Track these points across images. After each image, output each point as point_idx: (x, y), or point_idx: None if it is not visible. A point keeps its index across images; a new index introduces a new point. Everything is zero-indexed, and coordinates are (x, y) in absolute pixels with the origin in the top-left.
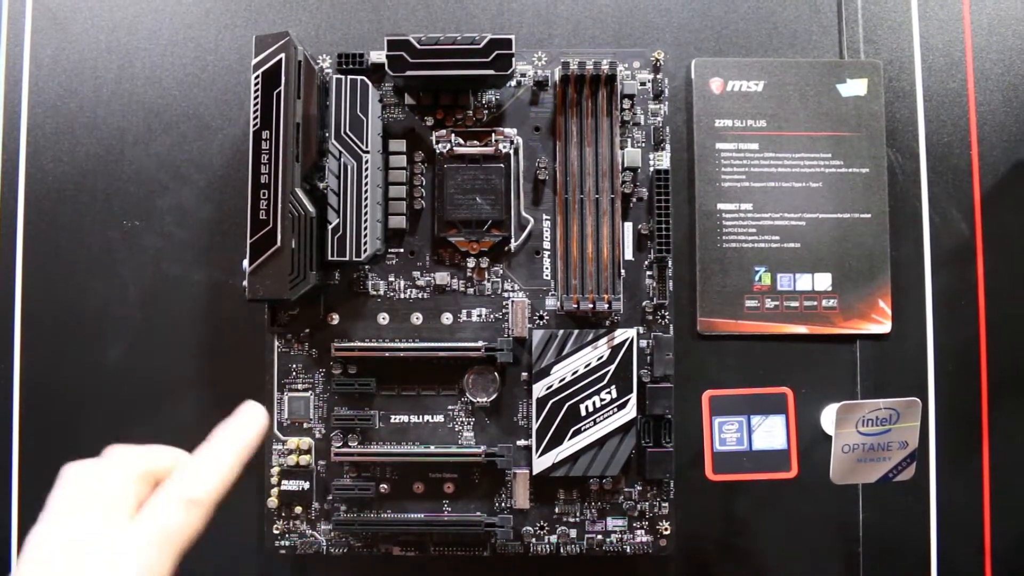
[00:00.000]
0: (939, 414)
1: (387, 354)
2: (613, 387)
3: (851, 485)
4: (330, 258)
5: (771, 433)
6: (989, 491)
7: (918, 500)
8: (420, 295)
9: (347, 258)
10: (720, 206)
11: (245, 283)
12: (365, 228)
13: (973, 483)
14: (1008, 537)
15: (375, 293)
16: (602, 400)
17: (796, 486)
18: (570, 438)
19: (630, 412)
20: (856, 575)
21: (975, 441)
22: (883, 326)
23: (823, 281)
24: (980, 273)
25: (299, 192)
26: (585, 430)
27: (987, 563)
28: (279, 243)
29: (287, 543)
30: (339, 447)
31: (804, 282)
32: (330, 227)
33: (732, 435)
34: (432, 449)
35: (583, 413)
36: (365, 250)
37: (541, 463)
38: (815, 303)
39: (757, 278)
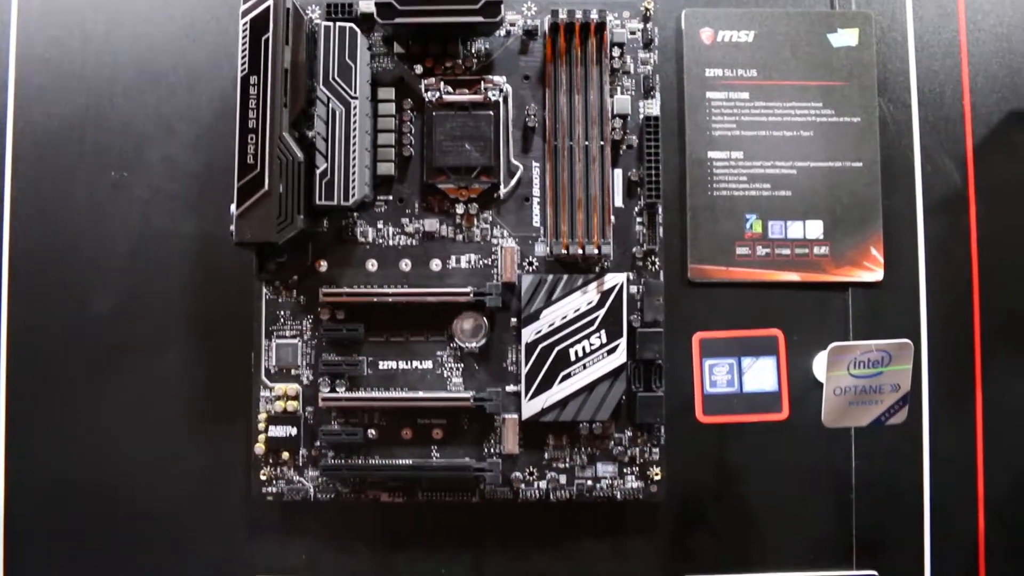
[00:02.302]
0: (932, 361)
1: (375, 300)
2: (603, 332)
3: (843, 431)
4: (318, 203)
5: (762, 375)
6: (982, 438)
7: (911, 447)
8: (409, 242)
9: (335, 203)
10: (711, 154)
11: (232, 228)
12: (353, 173)
13: (966, 430)
14: (1001, 483)
15: (363, 240)
16: (592, 345)
17: (788, 433)
18: (559, 383)
19: (620, 357)
20: (849, 522)
21: (968, 388)
22: (875, 274)
23: (815, 229)
24: (973, 221)
25: (287, 137)
26: (575, 375)
27: (980, 509)
28: (267, 187)
29: (274, 490)
30: (327, 393)
31: (795, 230)
32: (318, 172)
33: (722, 377)
34: (420, 394)
35: (572, 358)
36: (353, 195)
37: (530, 408)
38: (807, 250)
39: (748, 226)
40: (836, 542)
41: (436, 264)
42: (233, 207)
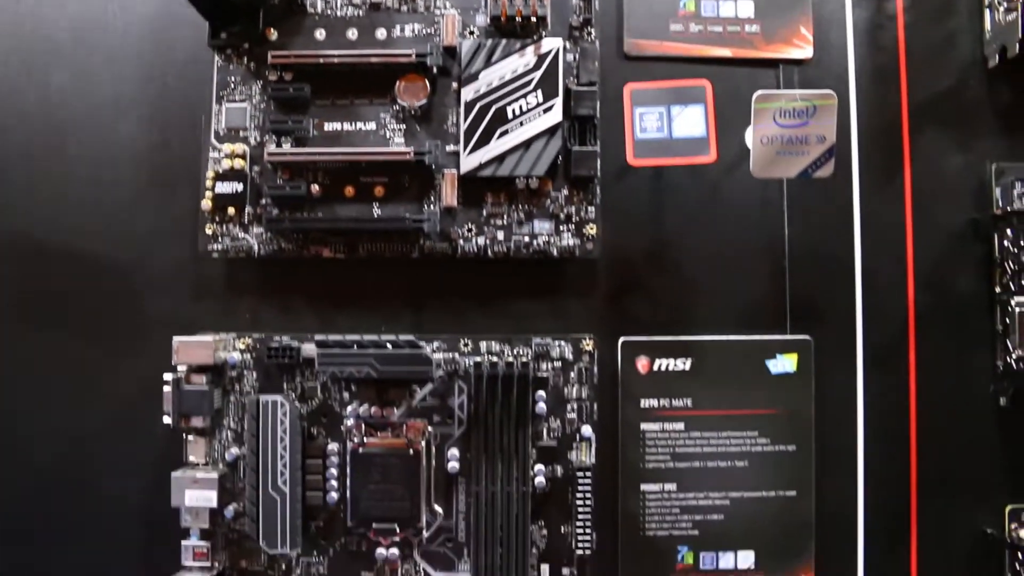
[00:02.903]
0: (860, 132)
1: (322, 60)
2: (539, 91)
3: (776, 196)
4: None
5: (691, 122)
6: (911, 209)
7: (842, 216)
8: (356, 12)
9: None
10: None
11: None
12: None
13: (896, 200)
14: (929, 251)
15: (312, 11)
16: (528, 104)
17: (721, 196)
18: (497, 139)
19: (556, 115)
20: (782, 288)
21: (896, 160)
22: (804, 51)
23: (746, 8)
24: (899, 6)
25: None
26: (512, 131)
27: (910, 276)
28: None
29: (219, 247)
30: (273, 149)
31: (727, 8)
32: None
33: (652, 124)
34: (362, 149)
35: (510, 116)
36: None
37: (469, 162)
38: (738, 28)
39: (682, 4)
40: (771, 307)
41: (381, 33)
42: None
